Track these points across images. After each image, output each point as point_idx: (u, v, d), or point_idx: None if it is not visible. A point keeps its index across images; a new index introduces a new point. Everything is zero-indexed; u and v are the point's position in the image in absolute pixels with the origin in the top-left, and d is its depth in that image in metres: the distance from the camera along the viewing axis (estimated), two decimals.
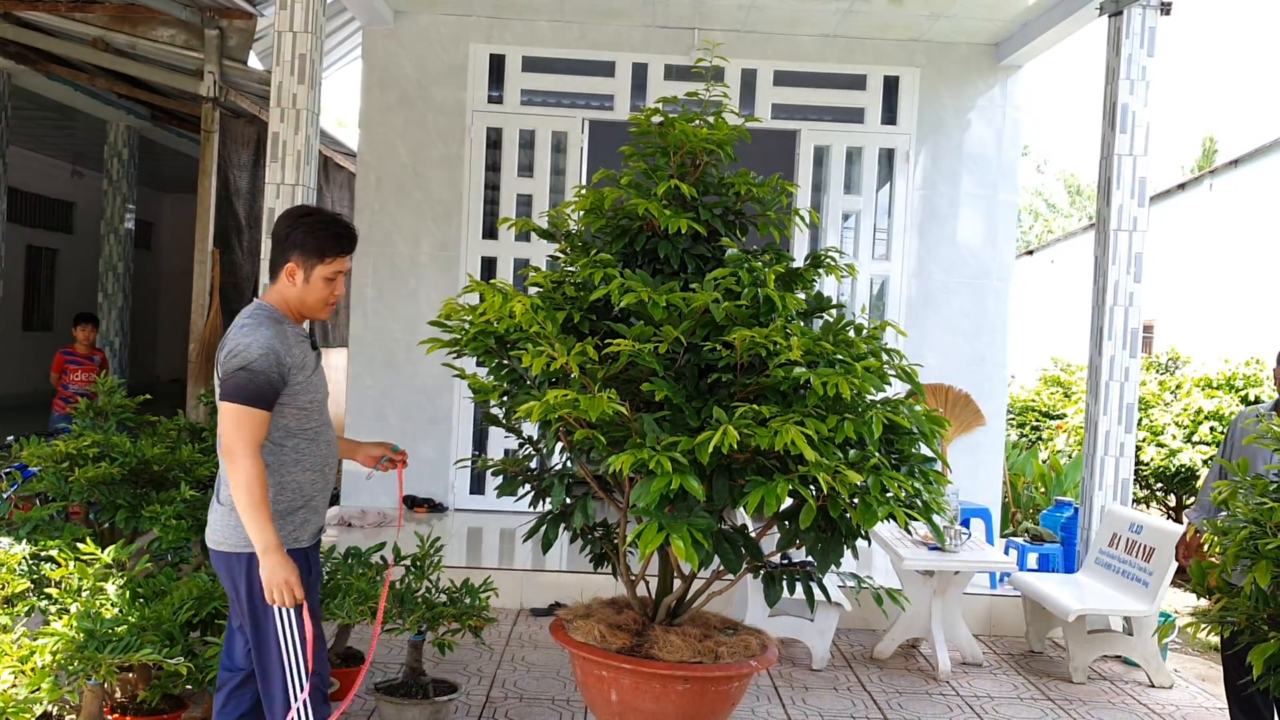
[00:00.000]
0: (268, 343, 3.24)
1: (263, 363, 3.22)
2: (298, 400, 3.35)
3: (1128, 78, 7.04)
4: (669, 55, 9.14)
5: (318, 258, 3.38)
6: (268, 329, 3.28)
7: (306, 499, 3.42)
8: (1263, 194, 17.40)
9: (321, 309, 3.45)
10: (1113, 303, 7.05)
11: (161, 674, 4.13)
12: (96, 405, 5.49)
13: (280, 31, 6.68)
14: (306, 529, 3.44)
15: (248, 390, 3.22)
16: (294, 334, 3.38)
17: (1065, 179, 45.07)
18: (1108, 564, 6.49)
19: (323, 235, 3.39)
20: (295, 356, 3.33)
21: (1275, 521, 3.60)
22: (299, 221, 3.41)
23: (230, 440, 3.22)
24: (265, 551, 3.22)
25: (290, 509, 3.37)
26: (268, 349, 3.24)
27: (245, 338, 3.26)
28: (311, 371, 3.40)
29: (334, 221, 3.45)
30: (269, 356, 3.23)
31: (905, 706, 5.59)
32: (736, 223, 4.28)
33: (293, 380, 3.32)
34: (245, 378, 3.22)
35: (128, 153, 13.31)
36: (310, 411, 3.40)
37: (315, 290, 3.41)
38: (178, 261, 19.17)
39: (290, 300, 3.42)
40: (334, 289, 3.43)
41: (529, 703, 5.29)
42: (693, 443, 3.33)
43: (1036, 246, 28.92)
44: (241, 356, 3.23)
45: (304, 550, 3.42)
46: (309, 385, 3.38)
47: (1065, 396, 14.50)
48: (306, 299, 3.41)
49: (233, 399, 3.22)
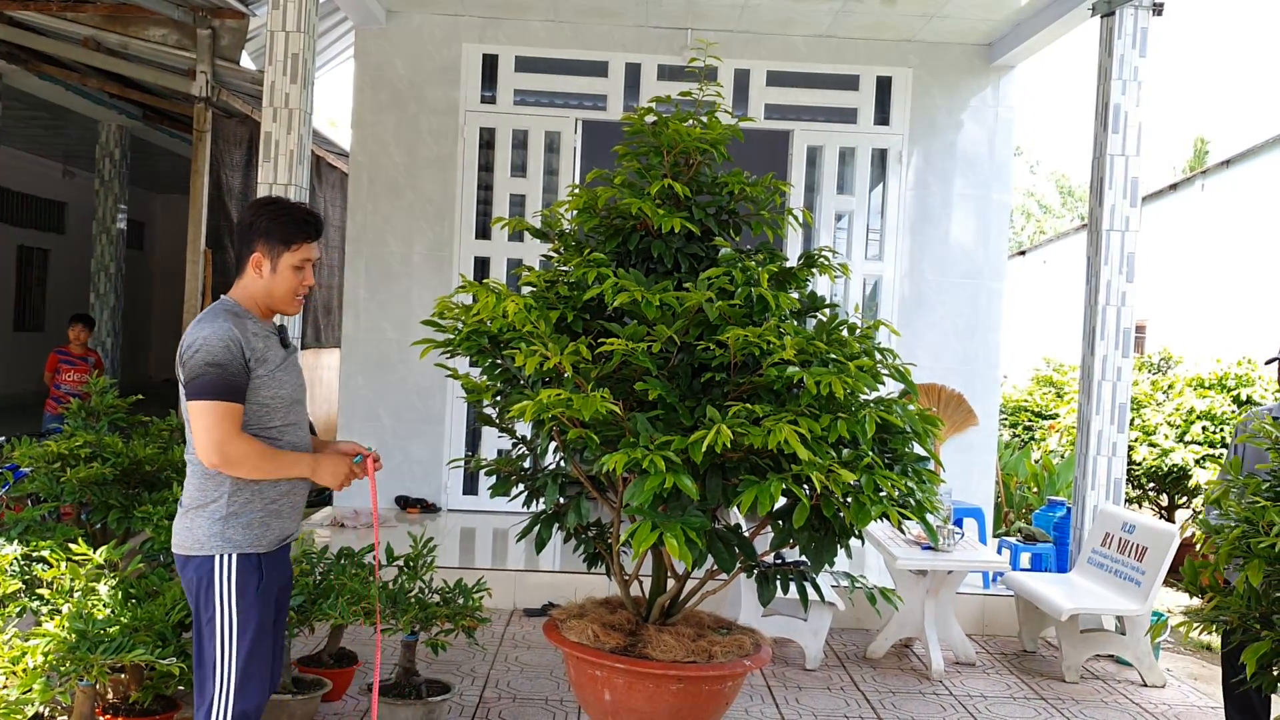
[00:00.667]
0: (227, 333, 3.14)
1: (226, 354, 3.12)
2: (258, 395, 3.22)
3: (1120, 78, 7.05)
4: (662, 55, 9.14)
5: (284, 245, 3.28)
6: (224, 320, 3.18)
7: (266, 502, 3.26)
8: (1254, 194, 17.46)
9: (290, 300, 3.35)
10: (1105, 302, 7.06)
11: (154, 675, 4.12)
12: (89, 406, 5.48)
13: (273, 31, 6.66)
14: (267, 535, 3.26)
15: (218, 384, 3.11)
16: (255, 327, 3.26)
17: (1057, 180, 45.16)
18: (1100, 563, 6.50)
19: (287, 222, 3.29)
20: (256, 349, 3.22)
21: (1268, 520, 3.61)
22: (262, 210, 3.32)
23: (216, 439, 3.10)
24: (313, 472, 3.29)
25: (243, 512, 3.21)
26: (228, 338, 3.13)
27: (203, 331, 3.15)
28: (275, 367, 3.26)
29: (297, 207, 3.36)
30: (231, 347, 3.13)
31: (898, 706, 5.60)
32: (730, 222, 4.28)
33: (255, 374, 3.21)
34: (215, 373, 3.10)
35: (120, 153, 13.28)
36: (272, 408, 3.26)
37: (283, 280, 3.30)
38: (170, 262, 19.14)
39: (257, 294, 3.31)
40: (303, 278, 3.33)
41: (522, 703, 5.29)
42: (686, 442, 3.33)
43: (1029, 247, 28.97)
44: (205, 351, 3.11)
45: (261, 556, 3.23)
46: (271, 381, 3.24)
47: (1057, 396, 14.52)
48: (275, 290, 3.31)
49: (205, 395, 3.11)
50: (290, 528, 3.38)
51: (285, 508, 3.33)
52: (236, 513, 3.19)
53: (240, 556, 3.18)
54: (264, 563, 3.23)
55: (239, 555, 3.18)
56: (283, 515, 3.32)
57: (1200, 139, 37.22)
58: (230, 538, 3.18)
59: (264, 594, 3.22)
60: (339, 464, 3.34)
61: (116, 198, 13.34)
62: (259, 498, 3.24)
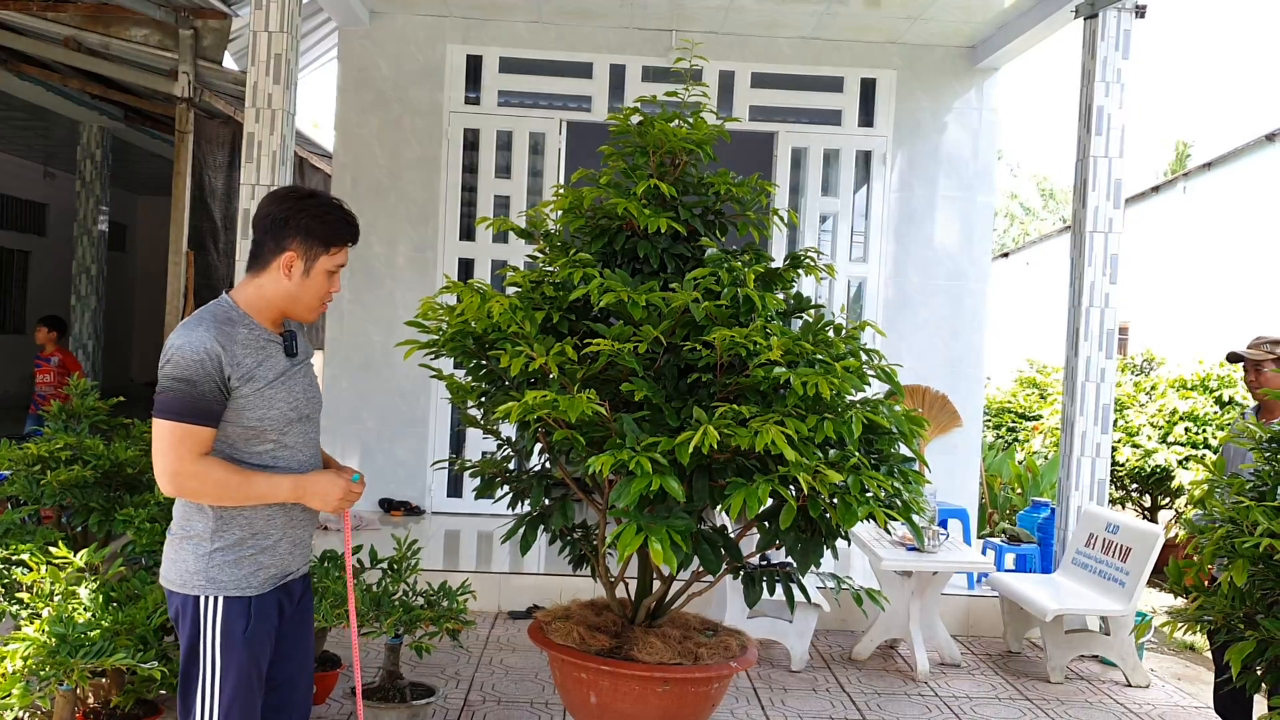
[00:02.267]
0: (204, 345, 2.76)
1: (198, 370, 2.74)
2: (242, 417, 2.84)
3: (1103, 80, 7.07)
4: (647, 57, 9.13)
5: (323, 247, 2.92)
6: (208, 329, 2.79)
7: (256, 536, 2.89)
8: (1235, 196, 17.56)
9: (316, 308, 2.99)
10: (1089, 304, 7.08)
11: (135, 679, 4.09)
12: (69, 408, 5.43)
13: (255, 31, 6.63)
14: (259, 575, 2.89)
15: (185, 404, 2.74)
16: (248, 336, 2.87)
17: (1039, 183, 45.34)
18: (1084, 564, 6.51)
19: (331, 221, 2.94)
20: (243, 364, 2.82)
21: (1251, 520, 3.62)
22: (301, 204, 2.92)
23: (170, 465, 2.75)
24: (298, 494, 2.89)
25: (235, 548, 2.86)
26: (204, 352, 2.75)
27: (178, 340, 2.78)
28: (268, 383, 2.87)
29: (339, 207, 2.99)
30: (206, 363, 2.75)
31: (884, 707, 5.59)
32: (716, 222, 4.27)
33: (237, 392, 2.81)
34: (180, 390, 2.74)
35: (101, 154, 13.20)
36: (260, 431, 2.87)
37: (315, 286, 2.94)
38: (152, 264, 19.05)
39: (275, 297, 2.92)
40: (334, 284, 2.99)
41: (507, 706, 5.26)
42: (672, 443, 3.32)
43: (1012, 249, 29.07)
44: (176, 363, 2.75)
45: (252, 599, 2.88)
46: (259, 400, 2.85)
47: (1041, 398, 14.57)
48: (303, 296, 2.93)
49: (166, 415, 2.75)
50: (291, 564, 3.00)
51: (282, 543, 2.95)
52: (223, 549, 2.85)
53: (226, 600, 2.84)
54: (254, 605, 2.87)
55: (225, 598, 2.84)
56: (278, 551, 2.94)
57: (1182, 142, 37.44)
58: (215, 578, 2.84)
59: (252, 639, 2.87)
60: (330, 483, 2.93)
61: (98, 199, 13.25)
62: (248, 531, 2.88)
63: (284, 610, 3.00)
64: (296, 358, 3.02)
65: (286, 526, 2.97)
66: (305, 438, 3.02)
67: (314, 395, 3.08)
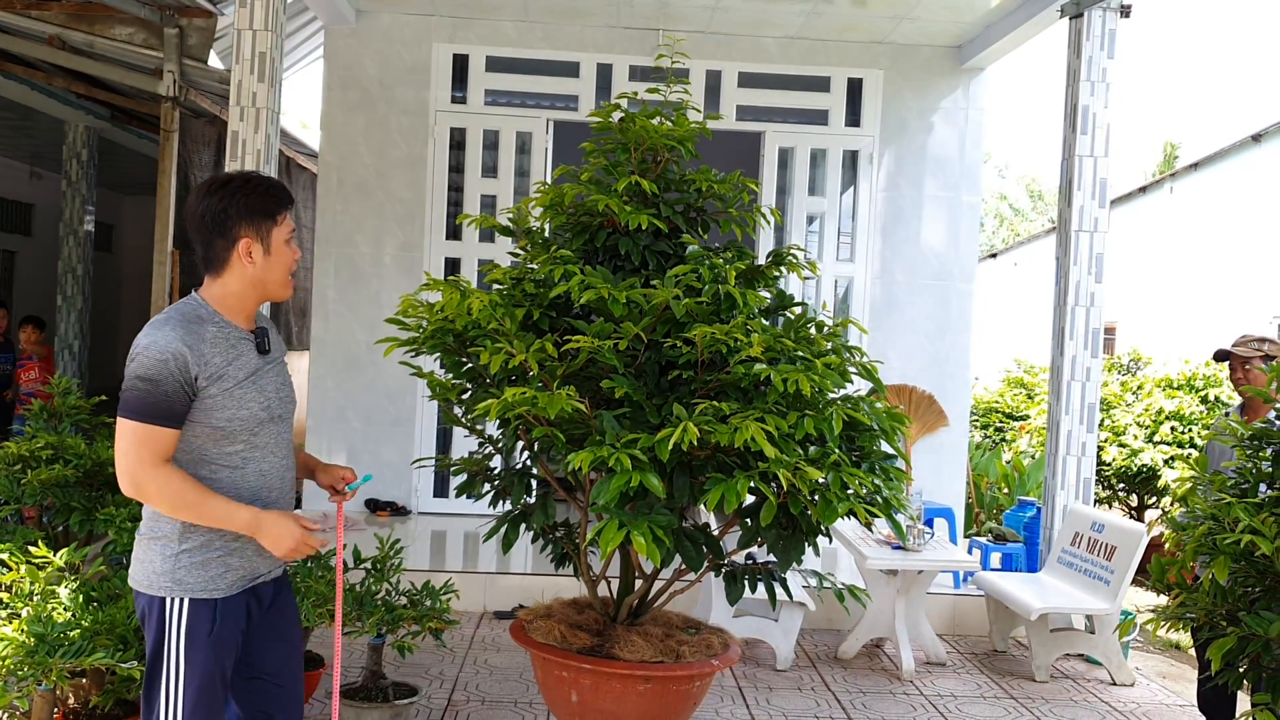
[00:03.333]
0: (169, 345, 2.72)
1: (161, 370, 2.70)
2: (211, 418, 2.79)
3: (1088, 79, 7.09)
4: (633, 56, 9.13)
5: (270, 220, 2.87)
6: (174, 328, 2.75)
7: (224, 538, 2.84)
8: (1222, 196, 17.62)
9: (286, 281, 2.94)
10: (1074, 303, 7.09)
11: (115, 679, 4.06)
12: (50, 407, 5.40)
13: (240, 29, 6.61)
14: (226, 576, 2.85)
15: (147, 404, 2.70)
16: (217, 334, 2.83)
17: (1027, 184, 45.43)
18: (1070, 563, 6.52)
19: (264, 192, 2.88)
20: (212, 363, 2.77)
21: (1233, 517, 3.62)
22: (230, 190, 2.85)
23: (129, 465, 2.71)
24: (254, 529, 2.79)
25: (202, 549, 2.82)
26: (168, 352, 2.71)
27: (145, 337, 2.75)
28: (238, 383, 2.82)
29: (260, 177, 2.94)
30: (170, 362, 2.70)
31: (869, 706, 5.59)
32: (698, 220, 4.27)
33: (204, 392, 2.77)
34: (144, 389, 2.69)
35: (87, 154, 13.13)
36: (230, 432, 2.82)
37: (279, 260, 2.90)
38: (139, 264, 18.95)
39: (245, 288, 2.89)
40: (294, 251, 2.94)
41: (491, 705, 5.25)
42: (653, 440, 3.30)
43: (1000, 249, 29.13)
44: (140, 363, 2.72)
45: (218, 602, 2.84)
46: (228, 400, 2.80)
47: (1028, 398, 14.60)
48: (271, 275, 2.89)
49: (127, 413, 2.71)
50: (260, 567, 2.94)
51: (250, 546, 2.89)
52: (190, 550, 2.81)
53: (192, 602, 2.80)
54: (220, 608, 2.83)
55: (190, 600, 2.80)
56: (246, 554, 2.89)
57: (1170, 143, 37.57)
58: (181, 579, 2.80)
59: (217, 642, 2.83)
60: (288, 529, 2.83)
61: (84, 199, 13.18)
62: (215, 533, 2.83)
63: (251, 613, 2.96)
64: (269, 355, 2.97)
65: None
66: (277, 439, 2.97)
67: (287, 395, 3.03)
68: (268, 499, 2.93)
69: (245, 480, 2.88)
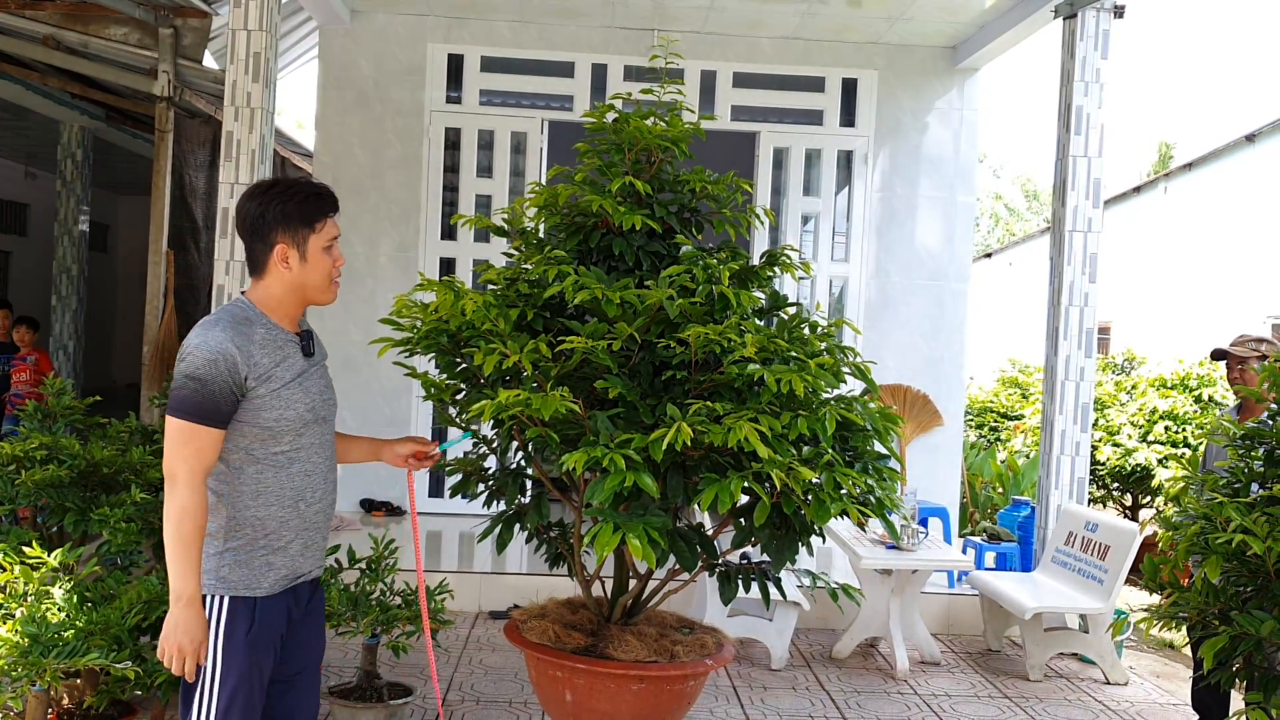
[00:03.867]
0: (219, 345, 2.75)
1: (211, 369, 2.73)
2: (260, 418, 2.82)
3: (1082, 80, 7.10)
4: (628, 56, 9.13)
5: (307, 227, 2.89)
6: (224, 329, 2.79)
7: (269, 537, 2.86)
8: (1216, 196, 17.65)
9: (327, 288, 2.97)
10: (1068, 303, 7.10)
11: (109, 679, 4.06)
12: (44, 407, 5.40)
13: (234, 29, 6.61)
14: (269, 575, 2.86)
15: (195, 403, 2.73)
16: (266, 336, 2.86)
17: (1023, 184, 45.48)
18: (1064, 562, 6.53)
19: (303, 199, 2.90)
20: (260, 364, 2.81)
21: (1225, 516, 3.63)
22: (269, 195, 2.89)
23: (171, 462, 2.74)
24: (178, 601, 2.73)
25: (246, 548, 2.84)
26: (218, 353, 2.74)
27: (195, 337, 2.79)
28: (285, 384, 2.85)
29: (306, 182, 2.97)
30: (220, 362, 2.74)
31: (864, 706, 5.60)
32: (692, 220, 4.27)
33: (253, 393, 2.80)
34: (193, 388, 2.73)
35: (82, 154, 13.12)
36: (277, 432, 2.85)
37: (317, 266, 2.91)
38: (134, 264, 18.93)
39: (285, 292, 2.91)
40: (335, 259, 2.96)
41: (485, 705, 5.25)
42: (646, 440, 3.31)
43: (995, 249, 29.17)
44: (190, 362, 2.75)
45: (258, 600, 2.85)
46: (278, 400, 2.83)
47: (1023, 397, 14.63)
48: (309, 280, 2.92)
49: (177, 414, 2.74)
50: (302, 566, 2.95)
51: (294, 545, 2.91)
52: (235, 548, 2.83)
53: (232, 600, 2.81)
54: (260, 607, 2.84)
55: (230, 598, 2.81)
56: (290, 553, 2.90)
57: (1165, 144, 37.63)
58: (225, 577, 2.82)
59: (254, 642, 2.83)
60: (193, 631, 2.75)
61: (79, 199, 13.18)
62: (260, 531, 2.85)
63: (291, 615, 2.96)
64: (314, 358, 3.03)
65: (300, 529, 2.93)
66: (321, 439, 3.00)
67: (330, 397, 3.08)
68: (311, 498, 2.95)
69: (290, 480, 2.89)
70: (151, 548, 4.92)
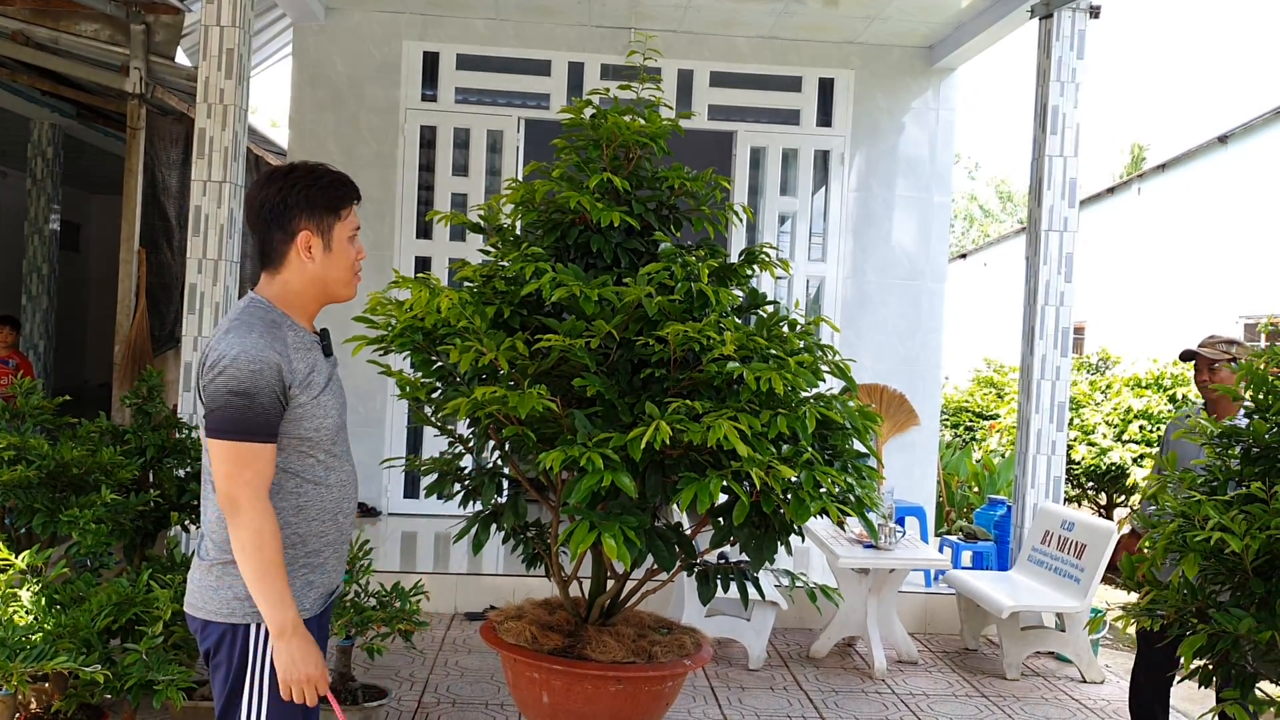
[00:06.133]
0: (261, 354, 2.51)
1: (256, 381, 2.49)
2: (300, 428, 2.60)
3: (1058, 80, 7.12)
4: (605, 55, 9.10)
5: (333, 214, 2.67)
6: (261, 335, 2.54)
7: (310, 555, 2.66)
8: (1189, 197, 17.77)
9: (349, 282, 2.75)
10: (1044, 302, 7.12)
11: (78, 683, 4.00)
12: (12, 408, 5.32)
13: (207, 26, 6.55)
14: (310, 594, 2.66)
15: (245, 420, 2.48)
16: (296, 339, 2.63)
17: (997, 186, 45.72)
18: (1040, 561, 6.54)
19: (328, 185, 2.69)
20: (298, 370, 2.58)
21: (1203, 515, 3.63)
22: (290, 181, 2.66)
23: (232, 488, 2.48)
24: (283, 634, 2.50)
25: (288, 569, 2.58)
26: (261, 362, 2.50)
27: (231, 347, 2.51)
28: (320, 390, 2.64)
29: (327, 169, 2.74)
30: (265, 372, 2.50)
31: (841, 705, 5.59)
32: (670, 218, 4.25)
33: (295, 401, 2.58)
34: (241, 405, 2.48)
35: (52, 151, 12.97)
36: (315, 443, 2.64)
37: (341, 257, 2.69)
38: (106, 264, 18.75)
39: (307, 286, 2.69)
40: (358, 250, 2.76)
41: (461, 707, 5.21)
42: (625, 439, 3.28)
43: (970, 250, 29.30)
44: (230, 375, 2.48)
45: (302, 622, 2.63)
46: (317, 408, 2.62)
47: (998, 397, 14.69)
48: (332, 273, 2.69)
49: (229, 434, 2.49)
50: (334, 582, 2.77)
51: (330, 560, 2.72)
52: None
53: None
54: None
55: None
56: (326, 569, 2.71)
57: (1137, 145, 37.88)
58: None
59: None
60: (314, 656, 2.56)
61: (49, 198, 13.02)
62: (301, 550, 2.64)
63: (324, 632, 2.81)
64: (332, 358, 2.82)
65: (336, 543, 2.74)
66: (347, 447, 2.83)
67: (346, 400, 2.88)
68: (347, 509, 2.78)
69: (330, 493, 2.70)
70: (122, 549, 4.86)
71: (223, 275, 6.67)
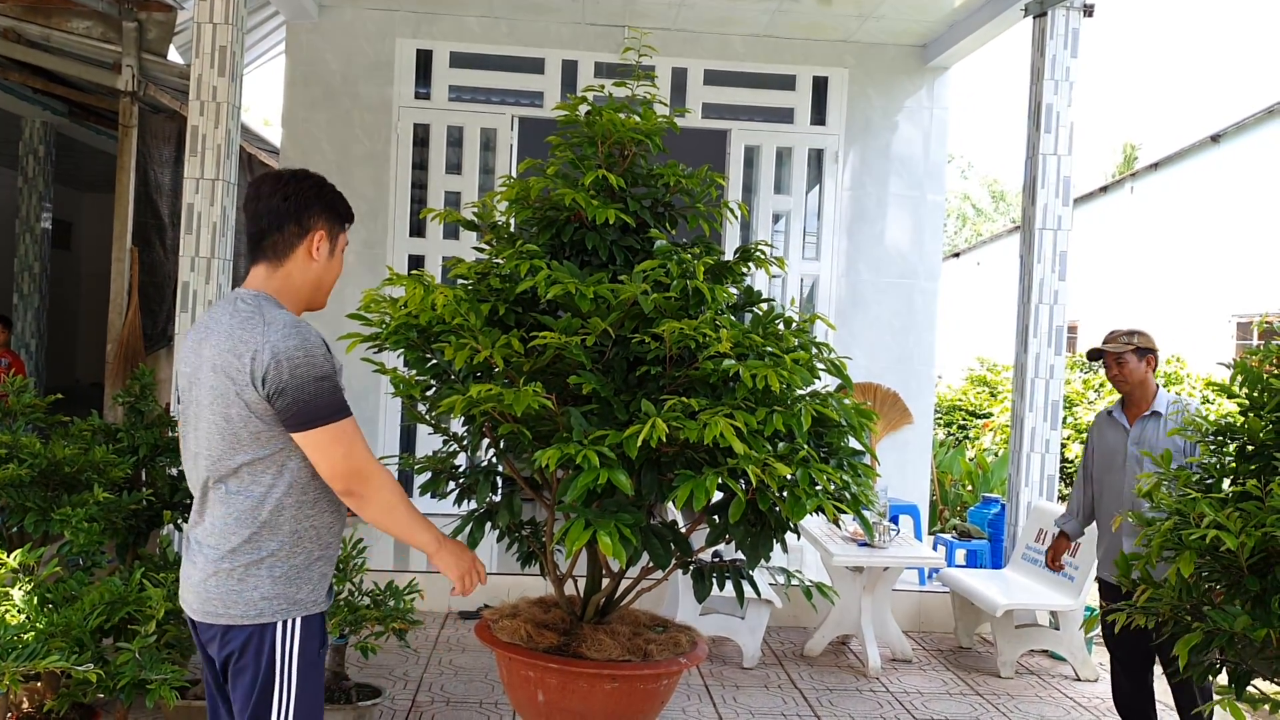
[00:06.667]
0: (319, 341, 2.63)
1: (327, 363, 2.62)
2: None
3: (1052, 78, 7.13)
4: (599, 52, 9.08)
5: (341, 225, 2.82)
6: (307, 326, 2.65)
7: (326, 547, 2.73)
8: (1181, 197, 17.81)
9: (329, 291, 2.87)
10: (1038, 301, 7.12)
11: (70, 682, 3.98)
12: (4, 406, 5.30)
13: (199, 23, 6.53)
14: (324, 583, 2.73)
15: (339, 400, 2.61)
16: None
17: (989, 185, 45.76)
18: (1034, 559, 6.54)
19: (340, 198, 2.83)
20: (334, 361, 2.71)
21: (1198, 512, 3.63)
22: (310, 182, 2.77)
23: (356, 463, 2.60)
24: (441, 546, 2.80)
25: (307, 564, 2.67)
26: (322, 347, 2.63)
27: (293, 341, 2.57)
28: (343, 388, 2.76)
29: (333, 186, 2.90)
30: (330, 356, 2.64)
31: (836, 704, 5.58)
32: (666, 215, 4.24)
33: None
34: (329, 387, 2.59)
35: (44, 149, 12.93)
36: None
37: (337, 264, 2.83)
38: (99, 262, 18.70)
39: (304, 285, 2.77)
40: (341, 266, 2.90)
41: (456, 706, 5.20)
42: (620, 436, 3.27)
43: (963, 249, 29.33)
44: (310, 365, 2.56)
45: (322, 615, 2.73)
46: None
47: (991, 396, 14.71)
48: (326, 278, 2.80)
49: (331, 418, 2.58)
50: (331, 572, 2.82)
51: (333, 549, 2.79)
52: (299, 565, 2.65)
53: (304, 620, 2.64)
54: (321, 621, 2.73)
55: (303, 618, 2.64)
56: (332, 559, 2.78)
57: (1130, 144, 37.95)
58: (294, 597, 2.63)
59: (323, 658, 2.74)
60: (465, 553, 2.86)
61: (41, 195, 12.99)
62: (317, 543, 2.70)
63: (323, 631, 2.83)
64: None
65: (340, 534, 2.83)
66: None
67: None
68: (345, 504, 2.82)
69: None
70: (114, 548, 4.84)
71: (215, 273, 6.64)
